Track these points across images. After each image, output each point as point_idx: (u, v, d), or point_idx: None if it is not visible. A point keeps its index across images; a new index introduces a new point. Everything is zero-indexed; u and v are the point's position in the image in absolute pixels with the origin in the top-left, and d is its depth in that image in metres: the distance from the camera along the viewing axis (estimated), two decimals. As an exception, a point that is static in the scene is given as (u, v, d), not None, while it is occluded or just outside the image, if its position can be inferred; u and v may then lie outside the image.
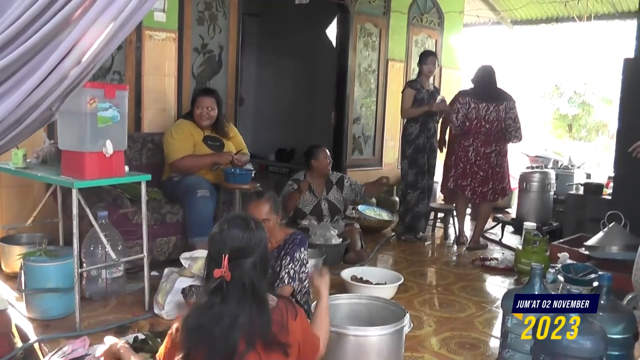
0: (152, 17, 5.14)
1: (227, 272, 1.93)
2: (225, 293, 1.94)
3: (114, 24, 1.76)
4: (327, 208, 5.35)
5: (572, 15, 8.76)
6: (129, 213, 4.26)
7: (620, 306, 2.91)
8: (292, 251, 3.28)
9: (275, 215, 3.27)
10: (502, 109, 5.55)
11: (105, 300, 3.84)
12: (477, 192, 5.70)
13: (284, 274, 3.23)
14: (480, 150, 5.62)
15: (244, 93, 9.39)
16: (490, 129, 5.57)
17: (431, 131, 5.95)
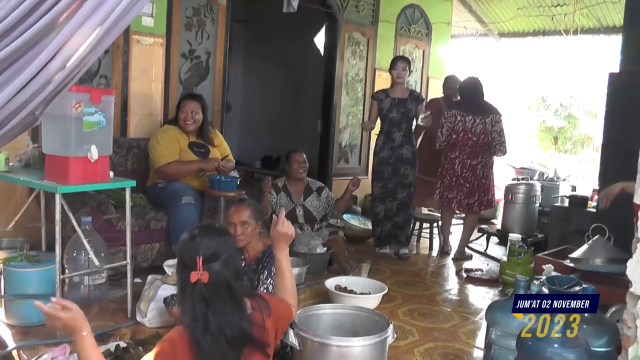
0: (140, 22, 5.13)
1: (203, 273, 1.94)
2: (206, 298, 1.95)
3: (100, 28, 1.74)
4: (301, 214, 5.31)
5: (559, 29, 8.86)
6: (113, 219, 4.22)
7: (603, 319, 2.92)
8: (270, 265, 3.25)
9: (254, 222, 3.26)
10: (488, 122, 5.55)
11: (87, 307, 3.76)
12: (463, 204, 5.72)
13: (261, 289, 3.21)
14: (466, 162, 5.62)
15: (231, 99, 9.38)
16: (476, 142, 5.58)
17: (396, 142, 5.56)
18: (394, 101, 5.55)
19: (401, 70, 5.55)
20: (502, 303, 3.16)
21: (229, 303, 1.98)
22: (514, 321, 2.88)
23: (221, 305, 1.96)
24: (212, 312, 1.94)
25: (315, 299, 4.24)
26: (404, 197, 5.61)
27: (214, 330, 1.93)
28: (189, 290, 1.96)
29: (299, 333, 2.75)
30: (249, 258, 3.35)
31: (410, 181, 5.63)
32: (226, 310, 1.97)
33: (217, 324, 1.94)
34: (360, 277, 4.59)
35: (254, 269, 3.30)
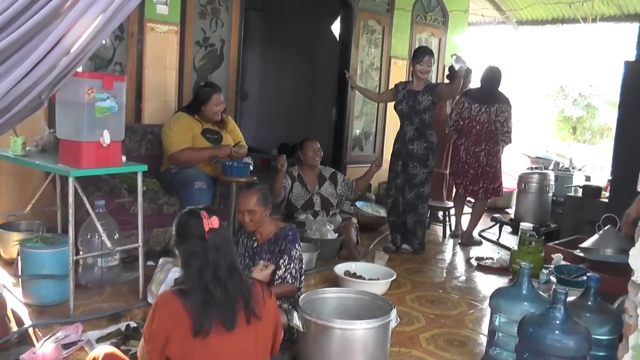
0: (155, 10, 5.18)
1: (213, 219, 2.13)
2: (218, 244, 2.13)
3: (102, 15, 1.79)
4: (319, 202, 5.32)
5: (578, 17, 8.74)
6: (126, 203, 4.29)
7: (607, 308, 2.92)
8: (289, 250, 3.29)
9: (263, 207, 3.28)
10: (493, 110, 5.66)
11: (100, 288, 3.89)
12: (469, 189, 5.91)
13: (285, 274, 3.25)
14: (470, 149, 5.79)
15: (248, 87, 9.43)
16: (480, 130, 5.71)
17: (407, 136, 5.25)
18: (407, 93, 5.27)
19: (427, 66, 5.18)
20: (505, 290, 3.19)
21: (232, 247, 2.22)
22: (517, 308, 2.91)
23: (229, 249, 2.17)
24: (222, 256, 2.12)
25: (325, 284, 4.29)
26: (411, 198, 5.28)
27: (222, 275, 2.10)
28: (198, 248, 2.11)
29: (304, 316, 2.81)
30: (260, 239, 3.39)
31: (420, 181, 5.25)
32: (232, 253, 2.19)
33: (227, 268, 2.12)
34: (370, 263, 4.62)
35: (266, 249, 3.35)
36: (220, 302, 2.07)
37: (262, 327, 2.21)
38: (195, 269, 2.10)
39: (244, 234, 3.46)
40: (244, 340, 2.15)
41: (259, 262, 3.34)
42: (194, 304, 2.05)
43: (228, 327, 2.08)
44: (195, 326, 2.03)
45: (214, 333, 2.05)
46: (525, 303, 2.91)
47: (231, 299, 2.10)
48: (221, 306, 2.07)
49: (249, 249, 3.41)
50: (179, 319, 2.04)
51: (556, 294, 2.54)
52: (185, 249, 2.16)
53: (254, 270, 3.09)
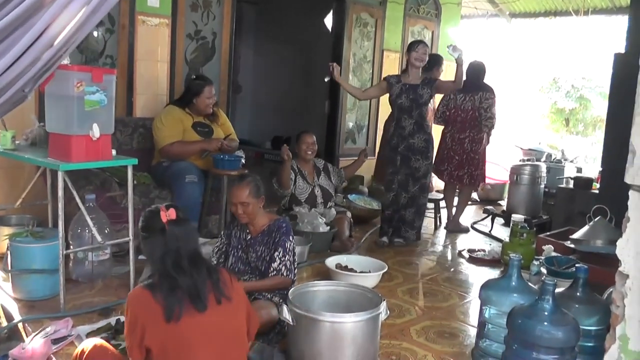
0: (146, 2, 5.17)
1: (170, 211, 2.22)
2: (177, 234, 2.20)
3: (86, 8, 1.78)
4: (320, 194, 5.32)
5: (570, 9, 8.76)
6: (117, 197, 4.29)
7: (595, 299, 2.94)
8: (282, 242, 3.29)
9: (255, 199, 3.28)
10: (476, 98, 5.95)
11: (91, 282, 3.88)
12: (454, 175, 6.12)
13: (280, 266, 3.25)
14: (455, 136, 6.06)
15: (242, 80, 9.43)
16: (465, 117, 6.00)
17: (406, 130, 5.25)
18: (404, 87, 5.22)
19: (422, 53, 5.17)
20: (495, 282, 3.19)
21: (194, 235, 2.31)
22: (506, 299, 2.92)
23: (188, 237, 2.23)
24: (183, 245, 2.18)
25: (316, 277, 4.30)
26: (415, 191, 5.31)
27: (184, 263, 2.16)
28: (159, 240, 2.18)
29: (293, 309, 2.81)
30: (254, 231, 3.39)
31: (423, 173, 5.32)
32: (193, 241, 2.27)
33: (189, 256, 2.19)
34: (361, 256, 4.63)
35: (260, 241, 3.35)
36: (186, 286, 2.13)
37: (233, 308, 2.26)
38: (158, 259, 2.18)
39: (236, 227, 3.46)
40: (218, 321, 2.19)
41: (252, 255, 3.34)
42: (162, 291, 2.11)
43: (200, 309, 2.14)
44: (166, 311, 2.08)
45: (187, 316, 2.10)
46: (515, 295, 2.92)
47: (198, 282, 2.16)
48: (189, 290, 2.14)
49: (242, 242, 3.41)
50: (150, 308, 2.09)
51: (545, 286, 2.56)
52: (148, 243, 2.26)
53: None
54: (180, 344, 2.11)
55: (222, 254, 3.51)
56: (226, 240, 3.51)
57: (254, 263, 3.35)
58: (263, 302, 3.15)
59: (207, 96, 4.77)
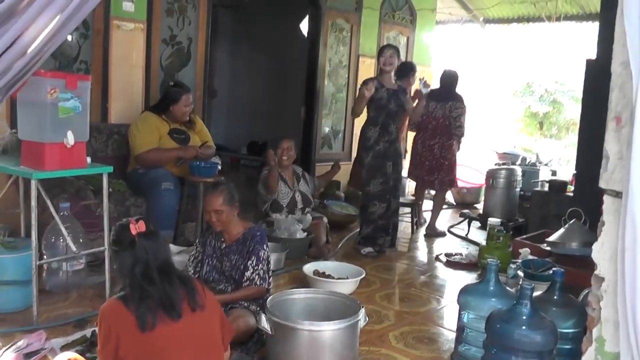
0: (121, 7, 5.10)
1: (140, 223, 2.19)
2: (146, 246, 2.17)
3: (61, 15, 1.74)
4: (300, 200, 5.30)
5: (542, 16, 8.88)
6: (91, 205, 4.23)
7: (572, 301, 2.96)
8: (256, 250, 3.27)
9: (229, 207, 3.26)
10: (447, 107, 6.17)
11: (65, 293, 3.81)
12: (425, 180, 6.36)
13: (254, 275, 3.23)
14: (426, 142, 6.29)
15: (217, 85, 9.38)
16: (435, 125, 6.21)
17: (393, 135, 5.23)
18: (389, 92, 5.16)
19: (389, 56, 5.16)
20: (473, 286, 3.21)
21: (164, 247, 2.27)
22: (485, 304, 2.93)
23: (158, 249, 2.20)
24: (152, 256, 2.16)
25: (293, 284, 4.28)
26: (399, 195, 5.47)
27: (154, 275, 2.14)
28: (129, 252, 2.16)
29: (271, 318, 2.79)
30: (228, 239, 3.37)
31: (401, 179, 5.55)
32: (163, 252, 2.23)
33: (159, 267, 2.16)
34: (339, 262, 4.62)
35: (234, 250, 3.32)
36: (157, 296, 2.12)
37: (207, 316, 2.25)
38: (128, 270, 2.17)
39: (211, 235, 3.43)
40: (193, 328, 2.18)
41: (227, 263, 3.32)
42: (134, 302, 2.10)
43: (174, 317, 2.13)
44: (139, 321, 2.06)
45: (161, 324, 2.09)
46: (493, 299, 2.93)
47: (170, 292, 2.16)
48: (161, 299, 2.13)
49: (217, 250, 3.39)
50: (123, 319, 2.08)
51: (522, 290, 2.57)
52: (119, 256, 2.25)
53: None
54: (155, 353, 2.09)
55: (198, 263, 3.47)
56: (201, 248, 3.48)
57: (228, 272, 3.32)
58: (240, 311, 3.13)
59: (185, 104, 4.74)
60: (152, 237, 2.22)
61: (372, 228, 5.27)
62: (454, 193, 8.22)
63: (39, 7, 1.68)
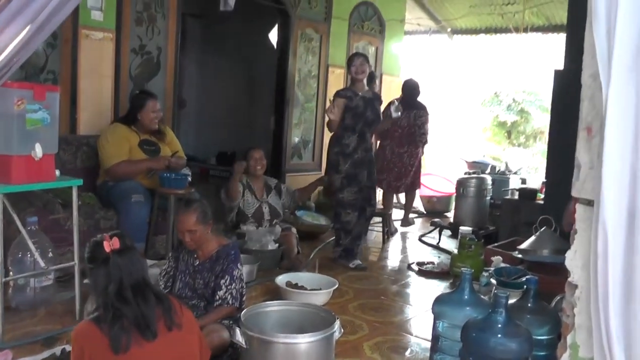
0: (89, 16, 5.03)
1: (114, 240, 2.15)
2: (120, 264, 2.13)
3: (31, 25, 1.71)
4: (268, 212, 5.26)
5: (509, 27, 9.02)
6: (60, 219, 4.14)
7: (546, 308, 2.99)
8: (230, 269, 3.23)
9: (203, 225, 3.21)
10: (412, 116, 6.60)
11: (33, 310, 3.70)
12: (392, 185, 6.83)
13: (226, 295, 3.19)
14: (395, 150, 6.71)
15: (186, 95, 9.30)
16: (402, 133, 6.65)
17: (368, 143, 5.29)
18: (365, 99, 5.15)
19: (359, 64, 5.15)
20: (447, 296, 3.22)
21: (139, 264, 2.21)
22: (459, 313, 2.93)
23: (132, 266, 2.16)
24: (127, 274, 2.11)
25: (266, 296, 4.25)
26: (374, 203, 5.51)
27: (128, 294, 2.09)
28: (102, 270, 2.11)
29: (246, 331, 2.76)
30: (202, 256, 3.31)
31: (374, 191, 5.58)
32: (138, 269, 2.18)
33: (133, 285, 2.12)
34: (311, 273, 4.60)
35: (208, 267, 3.28)
36: (132, 316, 2.08)
37: (184, 336, 2.22)
38: (101, 290, 2.13)
39: (184, 250, 3.37)
40: (170, 348, 2.15)
41: (199, 281, 3.27)
42: (107, 322, 2.06)
43: (149, 338, 2.09)
44: (112, 343, 2.03)
45: (135, 346, 2.05)
46: (468, 308, 2.93)
47: (145, 311, 2.11)
48: (135, 319, 2.08)
49: (189, 267, 3.33)
50: (96, 341, 2.04)
51: (497, 298, 2.58)
52: (93, 274, 2.19)
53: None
54: None
55: (169, 278, 3.41)
56: (174, 263, 3.42)
57: (201, 290, 3.28)
58: (213, 326, 3.07)
59: (152, 109, 4.68)
60: (126, 254, 2.17)
61: (350, 239, 5.23)
62: (424, 202, 8.29)
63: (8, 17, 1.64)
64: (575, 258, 2.21)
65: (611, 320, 1.89)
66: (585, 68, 2.11)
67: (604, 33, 1.87)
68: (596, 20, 1.88)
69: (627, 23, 1.79)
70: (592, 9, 1.90)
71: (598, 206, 1.93)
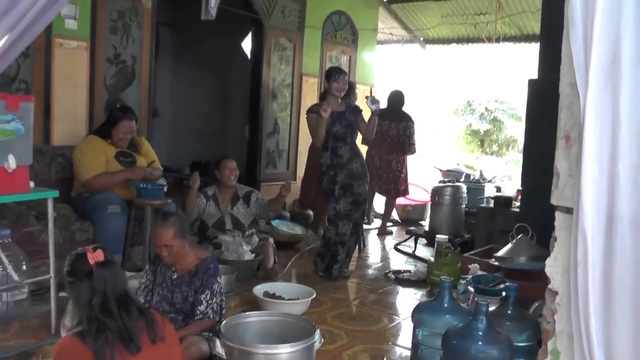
0: (63, 24, 4.98)
1: (98, 252, 2.13)
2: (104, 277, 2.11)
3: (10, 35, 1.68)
4: (230, 222, 5.20)
5: (482, 36, 9.14)
6: (34, 231, 4.07)
7: (525, 315, 3.02)
8: (210, 284, 3.20)
9: (180, 240, 3.17)
10: (400, 127, 7.04)
11: (6, 324, 3.61)
12: (383, 189, 7.26)
13: (207, 309, 3.16)
14: (383, 157, 7.12)
15: (159, 104, 9.22)
16: (391, 142, 7.07)
17: (344, 157, 5.13)
18: (333, 115, 5.05)
19: (343, 84, 5.15)
20: (427, 304, 3.23)
21: (122, 277, 2.20)
22: (439, 321, 2.95)
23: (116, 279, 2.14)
24: (110, 287, 2.09)
25: (244, 306, 4.21)
26: (358, 217, 5.19)
27: (112, 307, 2.07)
28: (85, 283, 2.09)
29: (226, 342, 2.74)
30: (180, 270, 3.27)
31: (364, 198, 5.27)
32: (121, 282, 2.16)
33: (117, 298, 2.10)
34: (288, 283, 4.59)
35: (186, 281, 3.24)
36: (116, 329, 2.06)
37: (167, 348, 2.21)
38: (85, 304, 2.10)
39: (162, 262, 3.32)
40: None
41: (178, 295, 3.23)
42: (91, 336, 2.03)
43: (133, 351, 2.07)
44: (97, 356, 2.00)
45: (119, 359, 2.03)
46: (448, 316, 2.95)
47: (128, 324, 2.09)
48: (119, 332, 2.06)
49: (167, 280, 3.29)
50: (81, 355, 2.01)
51: (478, 306, 2.59)
52: (74, 288, 2.16)
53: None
54: None
55: (149, 291, 3.36)
56: (152, 276, 3.37)
57: (179, 304, 3.24)
58: (192, 338, 3.03)
59: (122, 131, 4.65)
60: (110, 266, 2.14)
61: (331, 255, 5.14)
62: (398, 211, 8.32)
63: (-12, 27, 1.61)
64: (555, 265, 2.24)
65: (591, 325, 1.91)
66: (562, 77, 2.14)
67: (581, 42, 1.90)
68: (573, 29, 1.91)
69: (604, 32, 1.81)
70: (568, 18, 1.93)
71: (577, 213, 1.95)
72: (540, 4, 5.60)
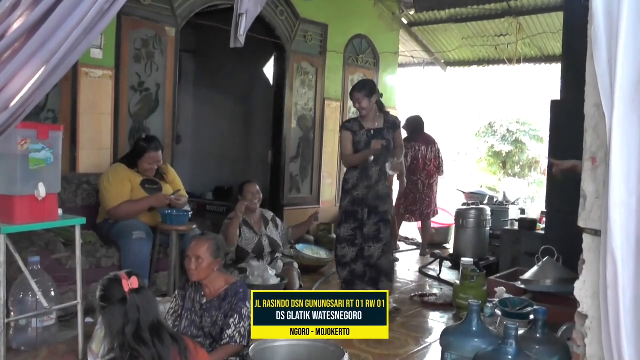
0: (89, 54, 5.07)
1: (132, 279, 2.16)
2: (138, 304, 2.14)
3: (46, 66, 1.72)
4: (268, 244, 5.16)
5: (503, 58, 9.14)
6: (62, 258, 4.12)
7: (555, 338, 2.99)
8: (239, 308, 3.19)
9: (212, 258, 3.19)
10: (434, 149, 7.36)
11: (35, 350, 3.64)
12: (424, 213, 7.42)
13: (234, 333, 3.15)
14: (425, 182, 7.35)
15: (182, 131, 9.32)
16: (431, 166, 7.34)
17: (373, 179, 4.90)
18: (369, 133, 4.88)
19: (356, 100, 4.87)
20: (455, 327, 3.20)
21: (155, 304, 2.23)
22: (468, 345, 2.92)
23: (149, 306, 2.18)
24: (144, 315, 2.12)
25: (271, 330, 4.20)
26: (387, 236, 4.98)
27: (145, 335, 2.09)
28: (119, 309, 2.11)
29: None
30: (209, 294, 3.28)
31: (389, 219, 5.03)
32: (154, 309, 2.20)
33: (150, 326, 2.13)
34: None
35: (216, 306, 3.24)
36: (149, 356, 2.07)
37: None
38: (118, 331, 2.11)
39: (191, 287, 3.33)
40: None
41: (207, 319, 3.24)
42: None
43: None
44: None
45: None
46: (476, 339, 2.92)
47: (162, 352, 2.10)
48: (153, 359, 2.07)
49: (196, 304, 3.29)
50: None
51: (507, 330, 2.57)
52: (107, 314, 2.17)
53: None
54: None
55: (177, 317, 3.36)
56: (181, 302, 3.37)
57: (208, 329, 3.24)
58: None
59: (148, 161, 4.68)
60: (143, 293, 2.15)
61: (348, 271, 5.05)
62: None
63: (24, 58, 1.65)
64: (585, 288, 2.21)
65: (624, 349, 1.88)
66: (587, 98, 2.14)
67: (605, 63, 1.89)
68: (597, 51, 1.91)
69: (628, 53, 1.81)
70: (592, 40, 1.93)
71: (606, 235, 1.93)
72: (560, 25, 5.61)
